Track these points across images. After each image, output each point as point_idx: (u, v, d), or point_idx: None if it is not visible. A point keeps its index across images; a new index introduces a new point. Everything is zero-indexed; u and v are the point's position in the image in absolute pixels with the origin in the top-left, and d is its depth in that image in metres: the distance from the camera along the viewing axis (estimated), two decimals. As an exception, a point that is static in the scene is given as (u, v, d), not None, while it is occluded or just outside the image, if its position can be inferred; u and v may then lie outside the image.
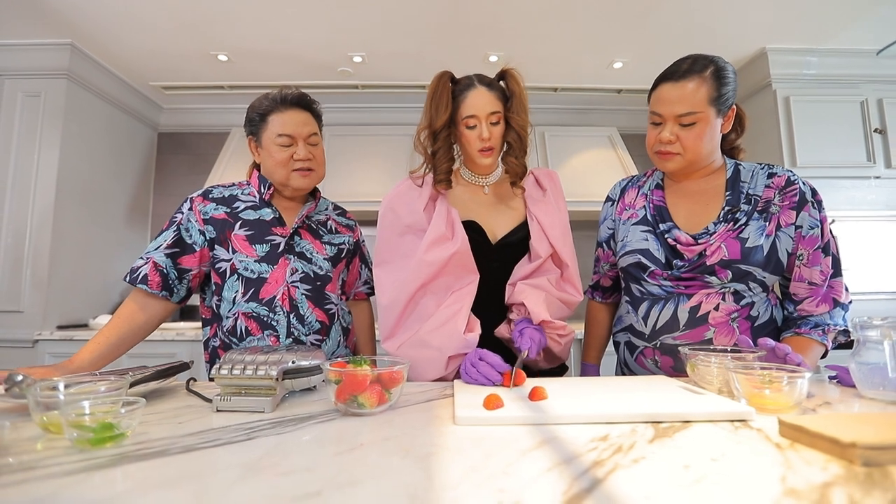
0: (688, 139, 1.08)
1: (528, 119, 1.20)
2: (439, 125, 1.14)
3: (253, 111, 1.23)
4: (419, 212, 1.16)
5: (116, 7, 2.23)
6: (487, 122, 1.13)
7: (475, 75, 1.18)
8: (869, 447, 0.51)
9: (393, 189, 1.25)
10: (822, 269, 1.05)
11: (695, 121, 1.06)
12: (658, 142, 1.11)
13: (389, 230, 1.19)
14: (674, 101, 1.07)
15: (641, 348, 1.15)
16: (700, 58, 1.09)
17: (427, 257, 1.09)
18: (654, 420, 0.69)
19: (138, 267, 1.16)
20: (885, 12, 2.30)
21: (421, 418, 0.74)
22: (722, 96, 1.07)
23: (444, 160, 1.18)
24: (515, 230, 1.21)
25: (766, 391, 0.76)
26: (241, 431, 0.66)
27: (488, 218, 1.22)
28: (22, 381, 0.76)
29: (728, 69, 1.09)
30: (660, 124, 1.11)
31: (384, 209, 1.21)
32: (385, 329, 1.13)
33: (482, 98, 1.13)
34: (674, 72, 1.09)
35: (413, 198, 1.19)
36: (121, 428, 0.60)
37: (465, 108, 1.14)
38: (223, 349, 1.17)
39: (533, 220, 1.21)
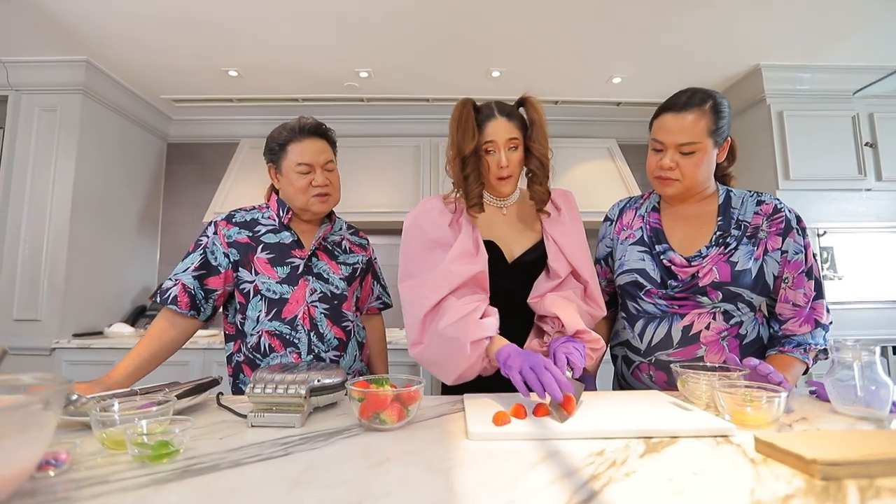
0: (687, 167, 1.16)
1: (548, 145, 1.23)
2: (468, 151, 1.19)
3: (272, 141, 1.31)
4: (445, 227, 1.20)
5: (131, 26, 2.31)
6: (505, 147, 1.19)
7: (495, 104, 1.22)
8: (827, 463, 0.59)
9: (417, 207, 1.28)
10: (805, 291, 1.14)
11: (694, 150, 1.14)
12: (659, 167, 1.19)
13: (415, 246, 1.21)
14: (675, 130, 1.15)
15: (637, 363, 1.24)
16: (700, 91, 1.17)
17: (453, 267, 1.12)
18: (645, 436, 0.78)
19: (168, 288, 1.24)
20: (876, 30, 2.38)
21: (436, 433, 0.82)
22: (719, 129, 1.15)
23: (475, 185, 1.21)
24: (531, 249, 1.26)
25: (748, 408, 0.84)
26: (278, 447, 0.74)
27: (506, 238, 1.26)
28: (76, 400, 0.84)
29: (724, 104, 1.17)
30: (661, 151, 1.19)
31: (409, 226, 1.25)
32: (412, 336, 1.14)
33: (502, 127, 1.18)
34: (675, 103, 1.17)
35: (438, 214, 1.23)
36: (175, 445, 0.69)
37: (485, 135, 1.19)
38: (247, 364, 1.26)
39: (549, 240, 1.25)
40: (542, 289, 1.22)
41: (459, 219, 1.23)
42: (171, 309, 1.23)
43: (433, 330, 1.10)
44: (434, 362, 1.11)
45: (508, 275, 1.23)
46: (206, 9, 2.19)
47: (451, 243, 1.18)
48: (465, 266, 1.13)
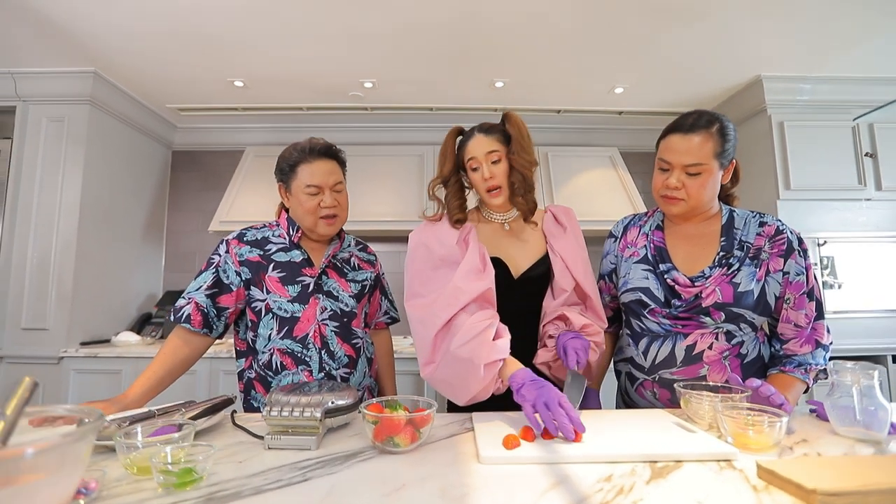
0: (692, 187, 1.18)
1: (531, 158, 1.28)
2: (446, 172, 1.31)
3: (283, 161, 1.34)
4: (452, 245, 1.23)
5: (139, 38, 2.33)
6: (487, 161, 1.25)
7: (476, 126, 1.31)
8: (826, 493, 0.62)
9: (421, 227, 1.32)
10: (806, 312, 1.16)
11: (700, 171, 1.17)
12: (665, 187, 1.21)
13: (422, 264, 1.24)
14: (682, 151, 1.17)
15: (641, 380, 1.26)
16: (706, 114, 1.20)
17: (463, 285, 1.14)
18: (651, 460, 0.80)
19: (181, 307, 1.26)
20: (876, 42, 2.41)
21: (449, 456, 0.84)
22: (725, 151, 1.18)
23: (454, 201, 1.30)
24: (536, 265, 1.30)
25: (750, 432, 0.87)
26: (297, 471, 0.77)
27: (510, 253, 1.30)
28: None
29: (730, 127, 1.19)
30: (667, 171, 1.21)
31: (415, 244, 1.28)
32: (423, 357, 1.15)
33: (480, 142, 1.26)
34: (682, 125, 1.19)
35: (445, 232, 1.27)
36: (198, 472, 0.71)
37: (467, 152, 1.28)
38: (259, 381, 1.28)
39: (556, 257, 1.30)
40: (551, 308, 1.26)
41: (467, 236, 1.26)
42: (185, 327, 1.26)
43: (445, 349, 1.11)
44: (446, 383, 1.12)
45: (515, 290, 1.27)
46: (213, 24, 2.21)
47: (457, 261, 1.20)
48: (474, 283, 1.15)
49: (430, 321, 1.13)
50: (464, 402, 1.11)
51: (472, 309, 1.15)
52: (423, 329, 1.14)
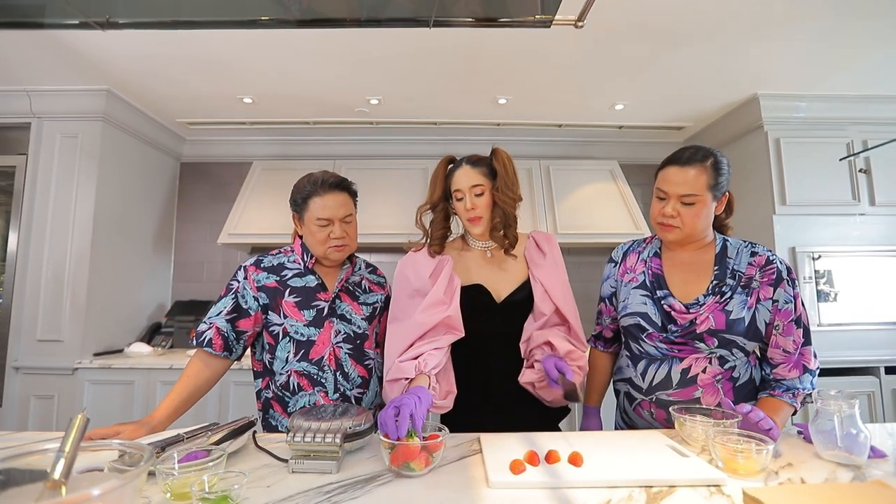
0: (687, 216, 1.26)
1: (515, 194, 1.37)
2: (435, 199, 1.42)
3: (297, 193, 1.40)
4: (425, 278, 1.35)
5: (151, 59, 2.40)
6: (471, 193, 1.35)
7: (466, 157, 1.42)
8: (804, 523, 0.69)
9: (406, 256, 1.44)
10: (794, 339, 1.23)
11: (694, 202, 1.25)
12: (661, 214, 1.30)
13: (401, 292, 1.38)
14: (678, 182, 1.26)
15: (639, 400, 1.33)
16: (703, 149, 1.28)
17: (420, 318, 1.28)
18: (646, 485, 0.87)
19: (203, 331, 1.33)
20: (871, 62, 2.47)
21: (461, 480, 0.91)
22: (718, 184, 1.26)
23: (437, 229, 1.42)
24: (518, 290, 1.39)
25: (739, 458, 0.94)
26: (322, 496, 0.84)
27: (492, 280, 1.39)
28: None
29: (724, 162, 1.27)
30: (664, 199, 1.29)
31: (398, 273, 1.41)
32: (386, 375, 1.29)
33: (466, 174, 1.37)
34: (679, 157, 1.28)
35: (421, 265, 1.38)
36: (234, 499, 0.78)
37: (454, 183, 1.39)
38: (276, 401, 1.35)
39: (536, 283, 1.38)
40: (530, 330, 1.36)
41: (440, 269, 1.37)
42: (206, 351, 1.33)
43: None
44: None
45: (497, 314, 1.36)
46: (223, 48, 2.28)
47: (428, 292, 1.32)
48: (430, 316, 1.28)
49: (397, 347, 1.29)
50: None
51: (433, 335, 1.29)
52: (391, 351, 1.30)
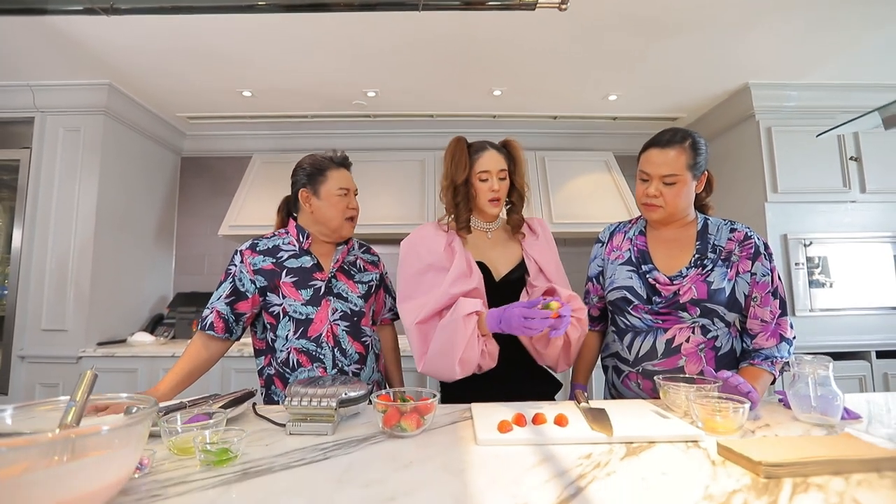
0: (669, 195, 1.32)
1: (525, 180, 1.48)
2: (460, 181, 1.41)
3: (311, 167, 1.47)
4: (440, 252, 1.37)
5: (151, 53, 2.45)
6: (497, 176, 1.41)
7: (486, 141, 1.46)
8: (770, 465, 0.73)
9: (413, 234, 1.46)
10: (771, 309, 1.28)
11: (675, 181, 1.31)
12: (645, 195, 1.36)
13: (412, 269, 1.38)
14: (659, 163, 1.32)
15: (627, 373, 1.38)
16: (681, 131, 1.34)
17: (451, 290, 1.29)
18: (627, 441, 0.92)
19: (206, 316, 1.39)
20: (860, 51, 2.51)
21: (450, 439, 0.96)
22: (697, 164, 1.31)
23: (464, 210, 1.44)
24: (515, 269, 1.45)
25: (718, 417, 0.98)
26: (318, 451, 0.88)
27: (492, 259, 1.45)
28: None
29: (701, 142, 1.33)
30: (647, 181, 1.36)
31: (406, 251, 1.42)
32: (417, 351, 1.31)
33: (493, 158, 1.42)
34: (659, 140, 1.34)
35: (433, 240, 1.41)
36: (233, 451, 0.82)
37: (480, 164, 1.41)
38: (278, 377, 1.40)
39: (530, 260, 1.46)
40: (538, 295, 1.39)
41: (452, 243, 1.41)
42: (209, 333, 1.37)
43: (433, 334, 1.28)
44: (437, 359, 1.26)
45: (496, 292, 1.40)
46: (223, 40, 2.32)
47: (444, 266, 1.35)
48: (461, 286, 1.31)
49: (420, 319, 1.29)
50: (456, 372, 1.24)
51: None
52: (411, 326, 1.30)
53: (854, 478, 0.72)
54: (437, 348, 1.26)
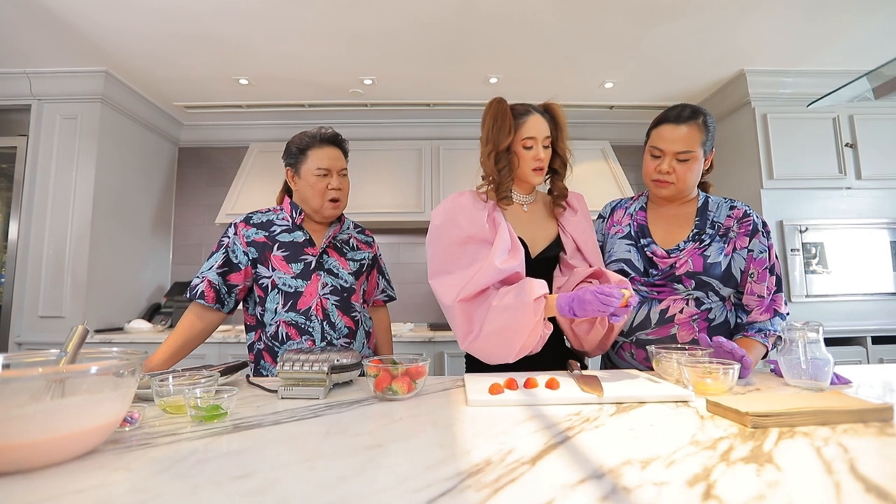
0: (681, 172, 1.32)
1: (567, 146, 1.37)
2: (504, 146, 1.27)
3: (293, 146, 1.46)
4: (482, 222, 1.25)
5: (148, 39, 2.45)
6: (542, 144, 1.29)
7: (530, 105, 1.33)
8: (756, 415, 0.73)
9: (449, 202, 1.31)
10: (767, 285, 1.29)
11: (689, 158, 1.30)
12: (657, 171, 1.34)
13: (449, 241, 1.25)
14: (673, 139, 1.30)
15: (621, 343, 1.38)
16: (690, 107, 1.33)
17: (500, 265, 1.17)
18: (617, 401, 0.92)
19: (196, 285, 1.38)
20: (854, 37, 2.52)
21: (441, 401, 0.96)
22: (708, 141, 1.32)
23: (507, 179, 1.30)
24: (551, 246, 1.35)
25: (708, 380, 0.98)
26: (308, 411, 0.89)
27: (529, 234, 1.34)
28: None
29: (711, 120, 1.33)
30: (658, 157, 1.34)
31: (443, 220, 1.27)
32: (461, 329, 1.19)
33: (540, 123, 1.29)
34: (673, 116, 1.32)
35: (474, 209, 1.28)
36: (224, 408, 0.83)
37: (525, 130, 1.27)
38: (267, 351, 1.40)
39: (567, 237, 1.36)
40: (560, 282, 1.32)
41: (493, 214, 1.28)
42: (199, 303, 1.37)
43: (480, 316, 1.17)
44: (492, 344, 1.16)
45: (530, 270, 1.28)
46: (219, 26, 2.33)
47: (486, 238, 1.23)
48: (509, 262, 1.19)
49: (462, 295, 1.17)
50: (514, 356, 1.15)
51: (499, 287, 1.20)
52: (452, 303, 1.19)
53: (840, 427, 0.73)
54: (495, 330, 1.15)
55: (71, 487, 0.53)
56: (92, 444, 0.64)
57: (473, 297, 1.18)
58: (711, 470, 0.56)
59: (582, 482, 0.53)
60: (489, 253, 1.21)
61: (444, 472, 0.57)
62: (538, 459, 0.61)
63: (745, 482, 0.52)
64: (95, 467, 0.60)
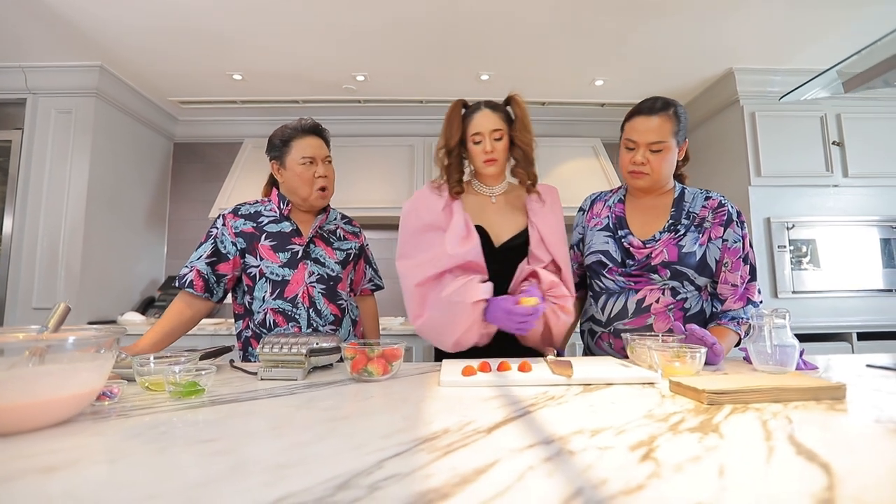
0: (655, 162, 1.34)
1: (531, 137, 1.41)
2: (452, 144, 1.40)
3: (276, 139, 1.48)
4: (438, 211, 1.36)
5: (142, 34, 2.48)
6: (490, 137, 1.36)
7: (483, 101, 1.42)
8: (712, 392, 0.76)
9: (414, 195, 1.45)
10: (741, 274, 1.32)
11: (661, 148, 1.33)
12: (632, 163, 1.37)
13: (411, 228, 1.38)
14: (645, 131, 1.33)
15: (599, 333, 1.41)
16: (662, 99, 1.36)
17: (450, 250, 1.27)
18: (585, 383, 0.95)
19: (185, 274, 1.41)
20: (841, 36, 2.55)
21: (415, 382, 0.99)
22: (680, 131, 1.35)
23: (455, 172, 1.41)
24: (517, 235, 1.40)
25: (676, 363, 1.01)
26: (285, 390, 0.91)
27: (494, 224, 1.40)
28: (119, 356, 1.01)
29: (682, 110, 1.36)
30: (632, 149, 1.37)
31: (407, 211, 1.41)
32: (413, 311, 1.31)
33: (486, 118, 1.37)
34: (644, 108, 1.36)
35: (433, 200, 1.39)
36: (201, 385, 0.85)
37: (473, 126, 1.38)
38: (255, 339, 1.42)
39: (533, 229, 1.40)
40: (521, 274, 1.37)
41: (451, 204, 1.38)
42: (188, 292, 1.40)
43: (434, 298, 1.27)
44: (435, 329, 1.28)
45: (495, 257, 1.36)
46: (213, 20, 2.35)
47: (442, 226, 1.34)
48: (459, 248, 1.28)
49: (419, 280, 1.28)
50: (451, 347, 1.26)
51: (458, 273, 1.29)
52: (411, 285, 1.30)
53: (792, 404, 0.76)
54: (436, 320, 1.26)
55: (44, 448, 0.56)
56: (69, 412, 0.67)
57: (427, 281, 1.28)
58: (657, 438, 0.59)
59: (530, 447, 0.56)
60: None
61: (400, 438, 0.59)
62: (494, 429, 0.64)
63: (684, 447, 0.55)
64: (72, 433, 0.63)
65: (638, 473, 0.47)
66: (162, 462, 0.52)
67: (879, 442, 0.58)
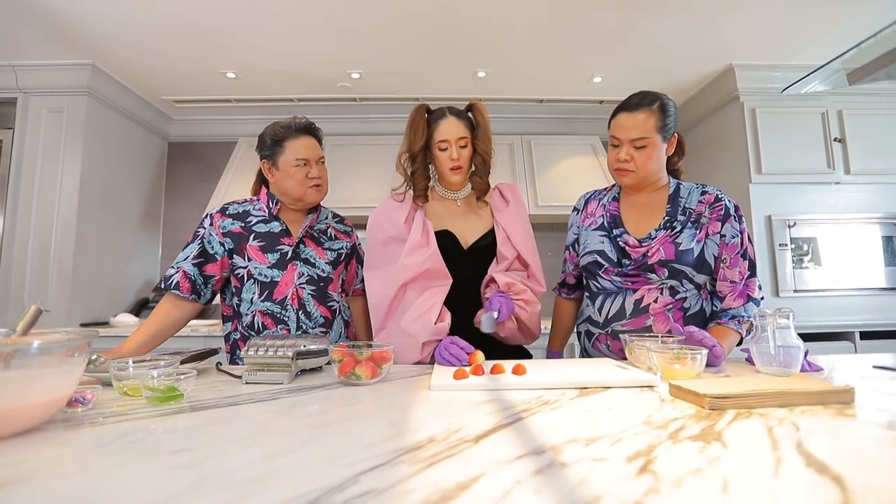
0: (640, 158, 1.30)
1: (491, 146, 1.44)
2: (417, 149, 1.40)
3: (268, 137, 1.44)
4: (400, 224, 1.38)
5: (134, 31, 2.44)
6: (457, 145, 1.37)
7: (447, 107, 1.42)
8: (714, 396, 0.72)
9: (379, 206, 1.47)
10: (740, 269, 1.28)
11: (645, 144, 1.29)
12: (616, 160, 1.34)
13: (376, 240, 1.40)
14: (629, 127, 1.30)
15: (597, 335, 1.37)
16: (649, 94, 1.32)
17: (406, 262, 1.31)
18: (581, 387, 0.91)
19: (171, 275, 1.37)
20: (842, 32, 2.51)
21: (405, 386, 0.95)
22: (666, 126, 1.30)
23: (421, 178, 1.42)
24: (484, 236, 1.43)
25: (676, 366, 0.97)
26: (268, 394, 0.88)
27: (460, 227, 1.43)
28: (97, 360, 0.97)
29: (670, 104, 1.31)
30: (617, 146, 1.34)
31: (371, 223, 1.43)
32: (376, 324, 1.35)
33: (452, 126, 1.37)
34: (628, 104, 1.32)
35: (395, 212, 1.41)
36: (180, 391, 0.82)
37: (439, 133, 1.37)
38: (242, 341, 1.39)
39: (499, 229, 1.43)
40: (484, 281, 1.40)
41: (413, 214, 1.40)
42: (174, 293, 1.36)
43: (394, 320, 1.31)
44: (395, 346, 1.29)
45: (464, 260, 1.40)
46: (206, 17, 2.31)
47: (405, 238, 1.35)
48: (416, 258, 1.31)
49: (384, 293, 1.33)
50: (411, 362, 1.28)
51: (421, 285, 1.32)
52: (376, 301, 1.34)
53: (798, 408, 0.72)
54: (395, 340, 1.29)
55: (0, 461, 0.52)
56: (34, 420, 0.63)
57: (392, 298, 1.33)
58: (655, 447, 0.55)
59: (520, 458, 0.52)
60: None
61: (383, 448, 0.56)
62: (483, 438, 0.60)
63: (685, 458, 0.52)
64: (34, 443, 0.59)
65: (634, 489, 0.43)
66: (121, 477, 0.48)
67: (895, 451, 0.54)
